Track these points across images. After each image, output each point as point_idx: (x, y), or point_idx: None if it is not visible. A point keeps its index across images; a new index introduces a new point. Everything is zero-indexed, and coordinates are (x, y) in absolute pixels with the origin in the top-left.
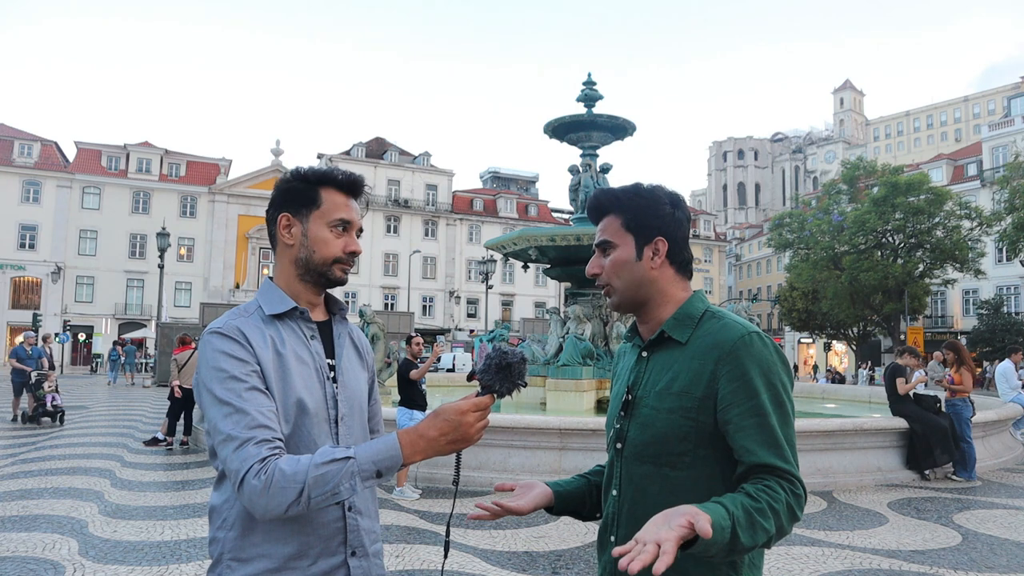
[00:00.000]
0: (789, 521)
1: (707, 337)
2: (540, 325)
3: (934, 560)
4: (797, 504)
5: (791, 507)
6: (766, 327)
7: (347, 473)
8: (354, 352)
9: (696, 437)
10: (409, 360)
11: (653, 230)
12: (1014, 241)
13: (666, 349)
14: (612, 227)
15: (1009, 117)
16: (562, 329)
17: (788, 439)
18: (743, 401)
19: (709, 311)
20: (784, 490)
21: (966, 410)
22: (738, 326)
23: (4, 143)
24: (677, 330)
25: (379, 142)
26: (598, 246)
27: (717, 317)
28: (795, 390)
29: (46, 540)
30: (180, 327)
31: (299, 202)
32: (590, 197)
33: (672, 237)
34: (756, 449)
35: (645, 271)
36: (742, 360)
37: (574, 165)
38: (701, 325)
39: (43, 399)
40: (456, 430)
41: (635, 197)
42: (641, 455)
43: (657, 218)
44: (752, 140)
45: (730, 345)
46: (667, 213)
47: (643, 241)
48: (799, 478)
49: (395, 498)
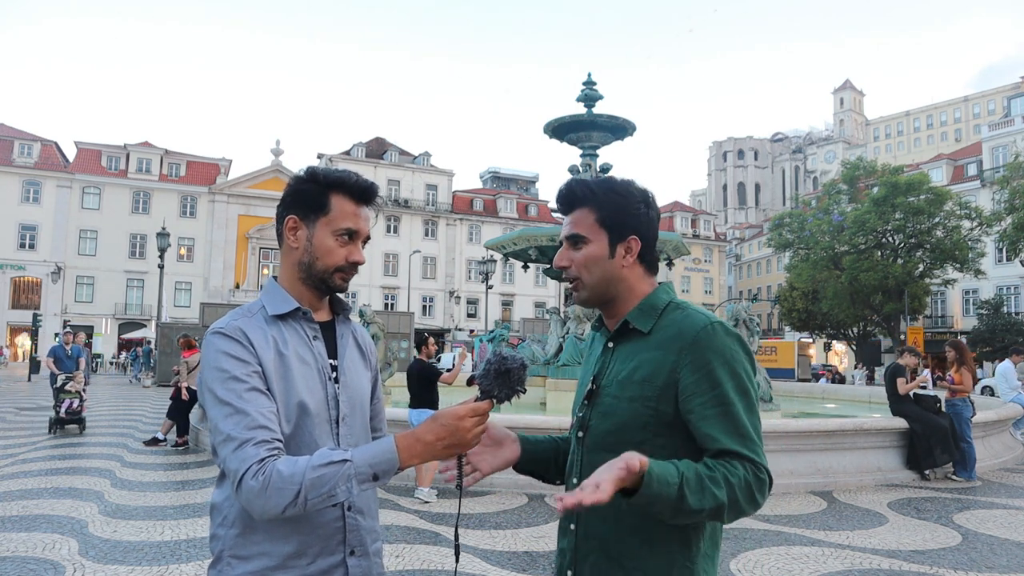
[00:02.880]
0: (747, 500)
1: (670, 327)
2: (540, 325)
3: (934, 560)
4: (758, 487)
5: (750, 486)
6: (766, 327)
7: (344, 476)
8: (357, 352)
9: (655, 426)
10: (423, 361)
11: (628, 229)
12: (1014, 241)
13: (630, 339)
14: (586, 221)
15: (1009, 117)
16: (562, 329)
17: (754, 427)
18: (706, 391)
19: (673, 302)
20: (745, 469)
21: (966, 410)
22: (701, 316)
23: (4, 143)
24: (640, 320)
25: (379, 142)
26: (568, 238)
27: (681, 308)
28: (796, 390)
29: (46, 540)
30: (180, 327)
31: (308, 205)
32: (563, 185)
33: (644, 237)
34: (720, 436)
35: (616, 269)
36: (704, 350)
37: (574, 165)
38: (664, 316)
39: (61, 404)
40: (453, 435)
41: (610, 193)
42: (602, 443)
43: (632, 216)
44: (752, 140)
45: (692, 335)
46: (642, 212)
47: (616, 239)
48: (764, 465)
49: (413, 498)
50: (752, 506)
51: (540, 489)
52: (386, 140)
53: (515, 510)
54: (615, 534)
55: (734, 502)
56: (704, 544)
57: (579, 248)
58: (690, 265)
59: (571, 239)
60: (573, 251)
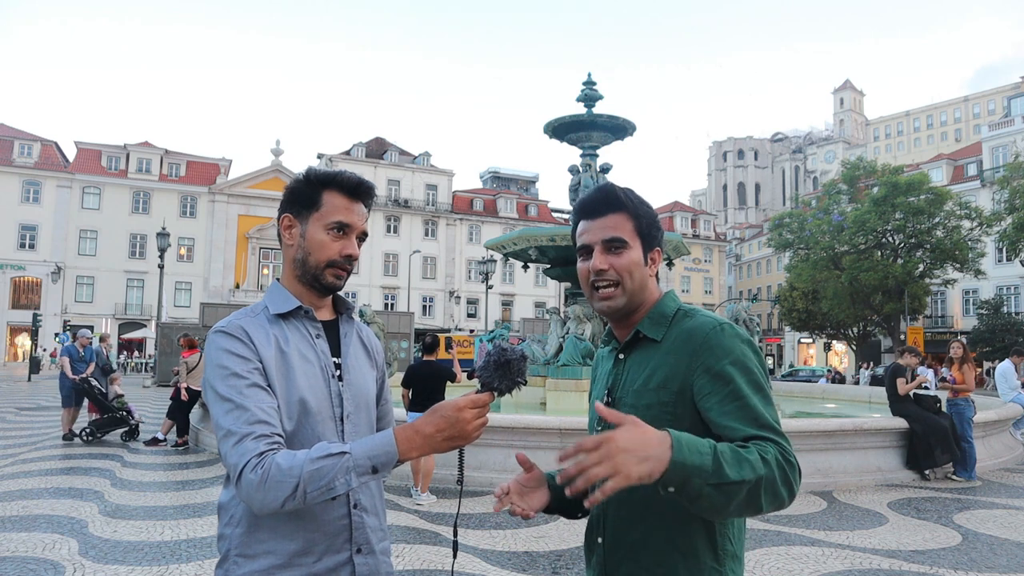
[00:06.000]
0: (782, 479)
1: (681, 333)
2: (540, 325)
3: (934, 560)
4: (790, 470)
5: (782, 465)
6: (766, 327)
7: (342, 468)
8: (362, 351)
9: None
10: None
11: (656, 240)
12: (1014, 241)
13: (642, 348)
14: (626, 227)
15: (1009, 117)
16: (562, 329)
17: (773, 418)
18: (720, 388)
19: (681, 309)
20: (774, 449)
21: (968, 410)
22: (710, 320)
23: (4, 143)
24: (652, 329)
25: (379, 142)
26: (607, 242)
27: (690, 315)
28: (795, 390)
29: (46, 540)
30: (180, 327)
31: (301, 203)
32: (597, 189)
33: (663, 249)
34: (741, 427)
35: (647, 277)
36: (714, 351)
37: (574, 165)
38: (675, 323)
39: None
40: (453, 427)
41: (642, 203)
42: None
43: (659, 229)
44: (752, 140)
45: (702, 338)
46: (661, 226)
47: (647, 248)
48: (791, 451)
49: (410, 498)
50: (787, 488)
51: None
52: (386, 140)
53: None
54: (643, 541)
55: (771, 480)
56: (731, 545)
57: (619, 253)
58: (690, 265)
59: (611, 243)
60: (612, 255)
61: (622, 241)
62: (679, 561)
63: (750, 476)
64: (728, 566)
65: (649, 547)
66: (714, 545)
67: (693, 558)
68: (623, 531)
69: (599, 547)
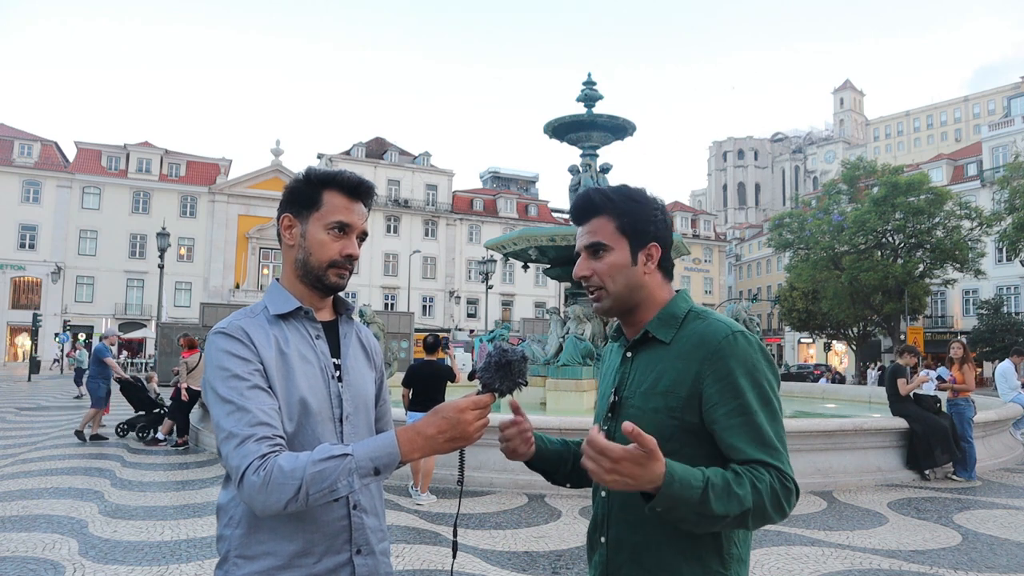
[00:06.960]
0: (773, 507)
1: (692, 337)
2: (540, 325)
3: (934, 560)
4: (785, 495)
5: (776, 492)
6: (766, 327)
7: (344, 470)
8: (361, 352)
9: (682, 436)
10: (433, 362)
11: (648, 236)
12: (1014, 241)
13: (650, 349)
14: (605, 229)
15: (1009, 117)
16: (562, 329)
17: (778, 436)
18: (729, 400)
19: (693, 311)
20: (771, 476)
21: (968, 410)
22: (723, 325)
23: (4, 143)
24: (661, 330)
25: (379, 142)
26: (588, 248)
27: (701, 317)
28: (795, 390)
29: (46, 540)
30: (180, 327)
31: (301, 203)
32: (579, 195)
33: (663, 243)
34: (744, 447)
35: (639, 276)
36: (727, 360)
37: (574, 165)
38: (685, 325)
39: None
40: (454, 428)
41: (628, 200)
42: None
43: (651, 223)
44: (752, 140)
45: (715, 345)
46: (659, 219)
47: (638, 246)
48: (790, 475)
49: (410, 498)
50: (779, 513)
51: (540, 489)
52: (386, 140)
53: (515, 510)
54: (646, 543)
55: (760, 508)
56: (738, 549)
57: (600, 257)
58: (690, 265)
59: (591, 248)
60: (594, 260)
61: (602, 245)
62: (682, 565)
63: (735, 511)
64: (733, 570)
65: (652, 549)
66: (720, 549)
67: (698, 562)
68: (627, 532)
69: (602, 546)
